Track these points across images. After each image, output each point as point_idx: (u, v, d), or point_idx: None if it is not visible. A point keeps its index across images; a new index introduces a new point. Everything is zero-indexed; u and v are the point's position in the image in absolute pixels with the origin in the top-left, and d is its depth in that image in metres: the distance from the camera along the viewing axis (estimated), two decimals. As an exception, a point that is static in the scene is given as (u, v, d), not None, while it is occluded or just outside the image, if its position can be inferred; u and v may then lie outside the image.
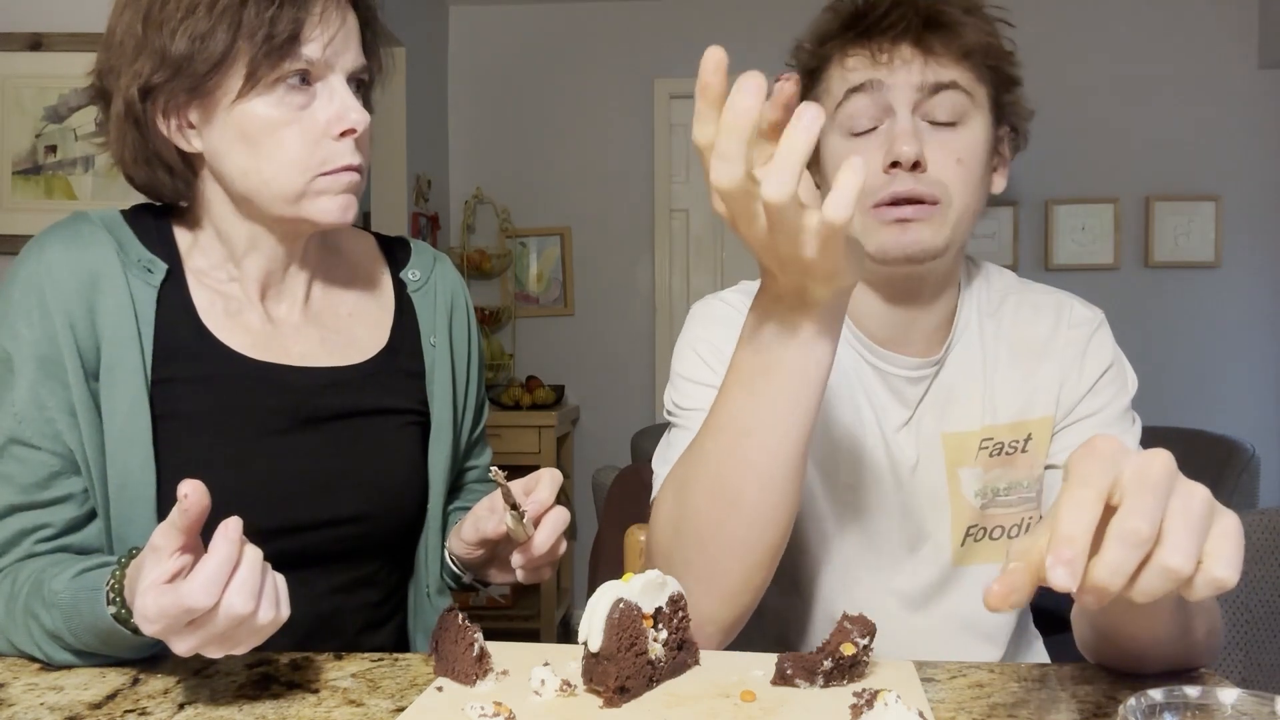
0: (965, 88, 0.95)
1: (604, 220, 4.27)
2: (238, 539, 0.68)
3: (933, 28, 0.94)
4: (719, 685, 0.75)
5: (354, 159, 0.92)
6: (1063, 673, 0.82)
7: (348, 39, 0.92)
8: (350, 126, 0.91)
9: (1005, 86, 0.99)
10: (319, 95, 0.91)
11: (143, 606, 0.67)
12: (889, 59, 0.94)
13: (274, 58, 0.87)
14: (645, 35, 4.22)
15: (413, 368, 1.06)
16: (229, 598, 0.67)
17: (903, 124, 0.93)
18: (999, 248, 4.05)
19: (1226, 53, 3.99)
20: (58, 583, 0.81)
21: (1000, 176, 1.02)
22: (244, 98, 0.88)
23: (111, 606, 0.75)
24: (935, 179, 0.94)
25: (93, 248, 0.91)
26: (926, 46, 0.94)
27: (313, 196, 0.92)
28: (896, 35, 0.94)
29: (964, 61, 0.95)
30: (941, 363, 1.03)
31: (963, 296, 1.05)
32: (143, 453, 0.90)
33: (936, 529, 1.03)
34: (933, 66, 0.94)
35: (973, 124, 0.96)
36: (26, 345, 0.88)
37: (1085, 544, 0.54)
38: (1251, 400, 4.03)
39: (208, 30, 0.86)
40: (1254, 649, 1.92)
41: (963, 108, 0.95)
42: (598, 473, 2.81)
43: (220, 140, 0.91)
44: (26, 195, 2.58)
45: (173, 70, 0.88)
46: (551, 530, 0.89)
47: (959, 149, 0.95)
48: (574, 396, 4.27)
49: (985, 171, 0.98)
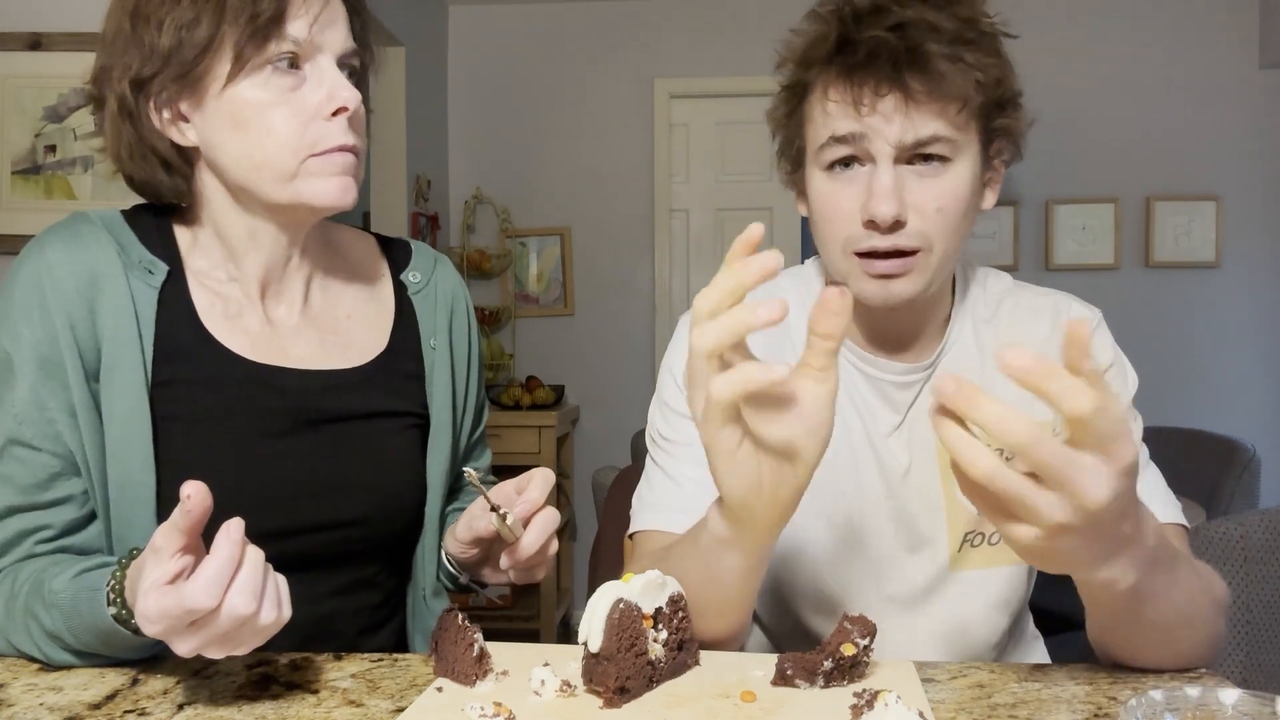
0: (949, 137, 0.90)
1: (604, 220, 4.27)
2: (240, 540, 0.68)
3: (916, 73, 0.88)
4: (719, 685, 0.75)
5: (347, 139, 0.91)
6: (1063, 673, 0.82)
7: (334, 19, 0.92)
8: (341, 105, 0.90)
9: (999, 112, 0.94)
10: (309, 77, 0.90)
11: (144, 607, 0.67)
12: (870, 109, 0.89)
13: (259, 39, 0.87)
14: (645, 35, 4.22)
15: (412, 370, 1.06)
16: (231, 598, 0.67)
17: (882, 180, 0.90)
18: (999, 248, 4.05)
19: (1226, 53, 3.99)
20: (58, 583, 0.81)
21: (991, 192, 0.99)
22: (233, 82, 0.88)
23: (112, 608, 0.75)
24: (916, 230, 0.91)
25: (93, 248, 0.91)
26: (909, 95, 0.88)
27: (306, 178, 0.91)
28: (879, 81, 0.89)
29: (949, 109, 0.89)
30: (934, 367, 1.02)
31: (957, 302, 1.04)
32: (143, 454, 0.89)
33: (934, 533, 1.02)
34: (915, 120, 0.89)
35: (958, 167, 0.92)
36: (27, 346, 0.88)
37: None
38: (1251, 400, 4.03)
39: (192, 18, 0.87)
40: (1254, 649, 1.92)
41: (948, 153, 0.91)
42: (598, 473, 2.81)
43: (213, 128, 0.91)
44: (26, 195, 2.58)
45: (161, 61, 0.88)
46: (540, 531, 0.88)
47: (939, 197, 0.91)
48: (574, 396, 4.27)
49: (970, 207, 0.94)
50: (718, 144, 4.27)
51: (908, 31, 0.88)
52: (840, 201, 0.93)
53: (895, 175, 0.90)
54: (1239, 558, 1.89)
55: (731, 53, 4.10)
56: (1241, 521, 1.92)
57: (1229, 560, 1.90)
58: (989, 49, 0.91)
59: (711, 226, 4.29)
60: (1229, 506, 2.82)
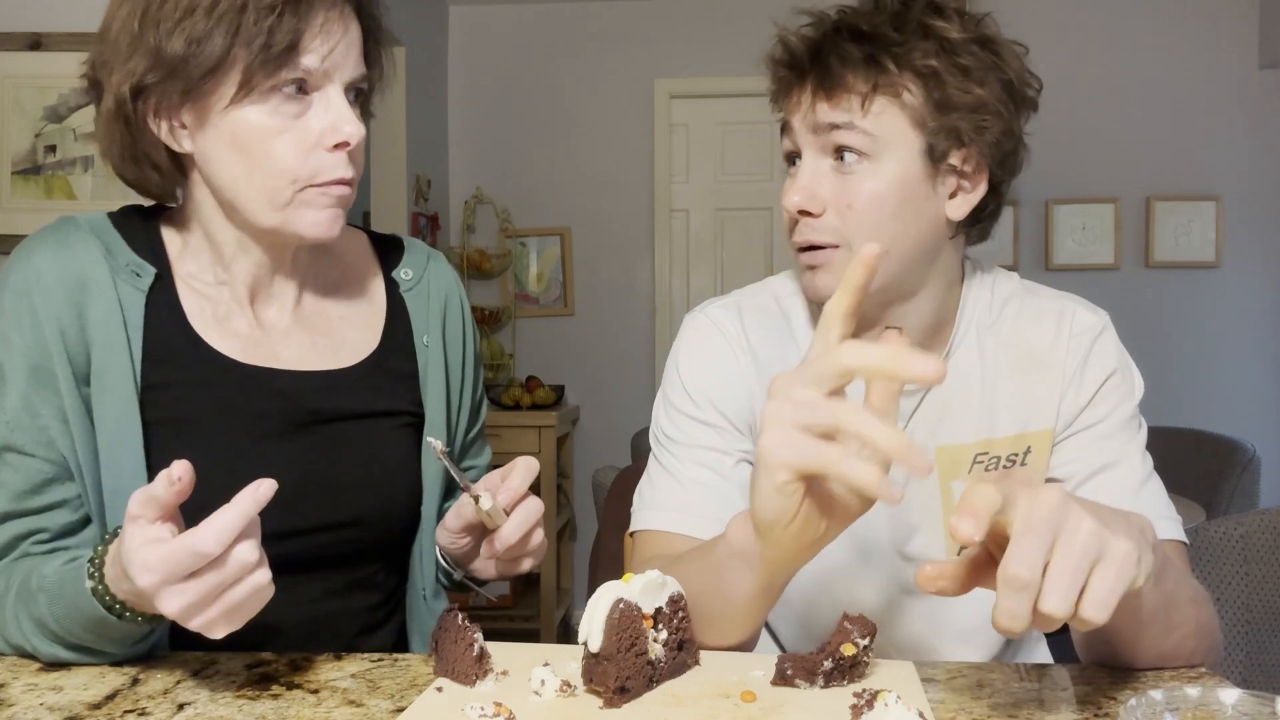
0: (861, 127, 0.91)
1: (604, 220, 4.27)
2: (262, 502, 0.69)
3: (820, 68, 0.92)
4: (719, 685, 0.75)
5: (345, 172, 0.90)
6: (1063, 673, 0.82)
7: (348, 50, 0.90)
8: (344, 139, 0.89)
9: (940, 111, 0.91)
10: (315, 105, 0.89)
11: (143, 559, 0.68)
12: (795, 100, 0.95)
13: (270, 67, 0.85)
14: (645, 35, 4.22)
15: (405, 369, 1.05)
16: (239, 547, 0.68)
17: (801, 171, 0.95)
18: (999, 248, 4.04)
19: (1226, 53, 3.99)
20: (47, 568, 0.82)
21: (963, 200, 0.96)
22: (237, 104, 0.87)
23: (91, 580, 0.76)
24: (830, 225, 0.93)
25: (80, 253, 0.91)
26: (817, 85, 0.93)
27: (300, 207, 0.90)
28: (797, 76, 0.94)
29: (852, 99, 0.91)
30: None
31: (961, 308, 1.03)
32: (134, 458, 0.89)
33: (930, 541, 1.02)
34: (820, 107, 0.92)
35: (880, 163, 0.92)
36: (17, 353, 0.88)
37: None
38: (1251, 400, 4.03)
39: (205, 34, 0.85)
40: (1254, 649, 1.92)
41: (862, 147, 0.91)
42: (598, 473, 2.81)
43: (211, 145, 0.89)
44: (26, 195, 2.58)
45: (166, 71, 0.86)
46: (522, 520, 0.88)
47: (851, 193, 0.92)
48: (574, 396, 4.27)
49: (900, 209, 0.92)
50: (718, 144, 4.27)
51: (829, 35, 0.93)
52: (785, 195, 0.97)
53: (817, 168, 0.94)
54: (1239, 558, 1.89)
55: (731, 53, 4.09)
56: (1241, 521, 1.92)
57: (1229, 560, 1.90)
58: (930, 51, 0.90)
59: (711, 226, 4.29)
60: (1229, 506, 2.82)
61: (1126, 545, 0.60)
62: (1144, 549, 0.63)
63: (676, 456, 1.02)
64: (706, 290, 4.19)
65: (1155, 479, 0.99)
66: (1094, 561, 0.59)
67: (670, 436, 1.04)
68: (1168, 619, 0.77)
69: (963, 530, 0.59)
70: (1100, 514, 0.62)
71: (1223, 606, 1.90)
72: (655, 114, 4.22)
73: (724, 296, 1.09)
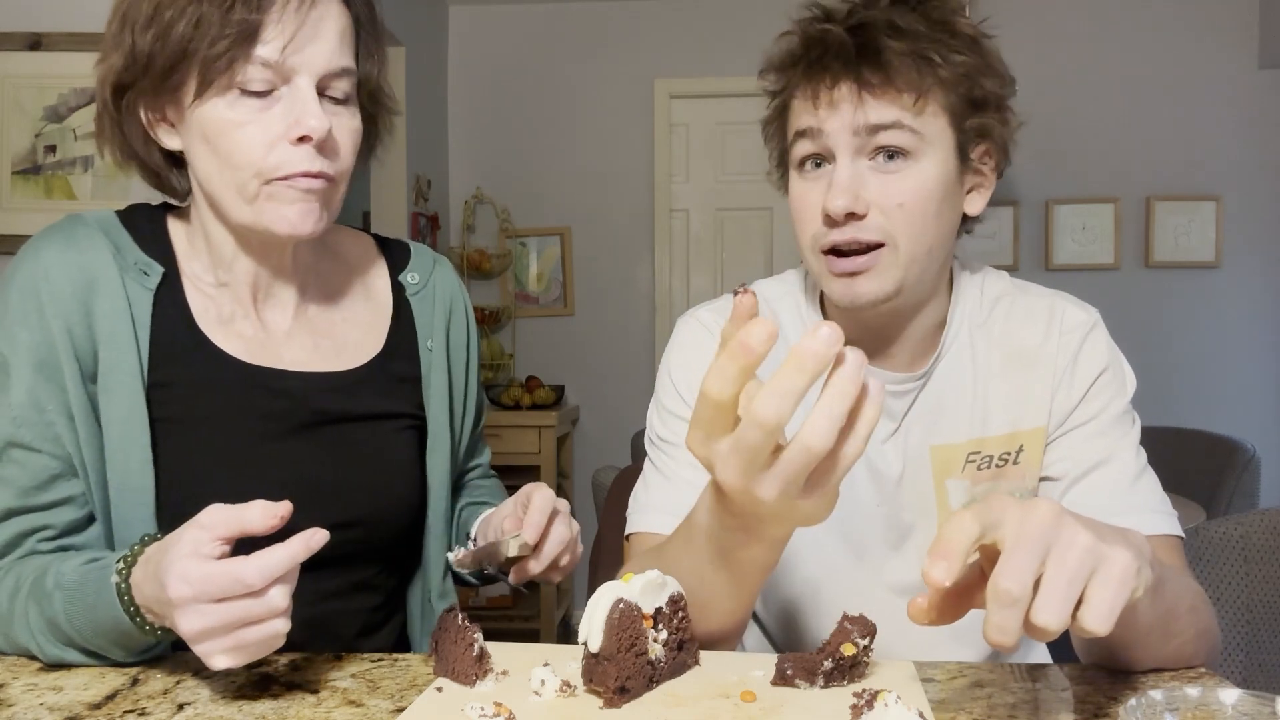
0: (909, 126, 0.90)
1: (604, 220, 4.27)
2: (311, 550, 0.70)
3: (869, 65, 0.89)
4: (719, 685, 0.75)
5: (312, 165, 0.88)
6: (1062, 673, 0.82)
7: (314, 36, 0.88)
8: (305, 133, 0.87)
9: (974, 109, 0.93)
10: (282, 98, 0.88)
11: (183, 569, 0.68)
12: (828, 101, 0.91)
13: (224, 61, 0.85)
14: (645, 35, 4.22)
15: (408, 373, 1.05)
16: (275, 589, 0.69)
17: (839, 174, 0.91)
18: (999, 248, 4.05)
19: (1226, 53, 3.99)
20: (66, 566, 0.81)
21: (979, 196, 0.98)
22: (202, 99, 0.87)
23: (117, 576, 0.76)
24: (876, 224, 0.91)
25: (88, 250, 0.91)
26: (865, 84, 0.90)
27: (267, 201, 0.89)
28: (834, 75, 0.91)
29: (904, 98, 0.90)
30: (928, 376, 1.01)
31: (952, 308, 1.03)
32: (141, 455, 0.89)
33: (924, 541, 1.02)
34: (870, 106, 0.90)
35: (922, 162, 0.91)
36: (24, 349, 0.88)
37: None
38: (1251, 400, 4.03)
39: (166, 28, 0.85)
40: (1254, 649, 1.92)
41: (908, 146, 0.90)
42: (598, 473, 2.81)
43: (189, 140, 0.90)
44: (26, 195, 2.58)
45: (141, 69, 0.87)
46: (552, 548, 0.93)
47: (901, 193, 0.91)
48: (574, 396, 4.27)
49: (941, 206, 0.93)
50: (718, 144, 4.26)
51: (865, 29, 0.91)
52: (807, 198, 0.95)
53: (854, 170, 0.91)
54: (1239, 558, 1.89)
55: (731, 53, 4.09)
56: (1241, 521, 1.92)
57: (1229, 560, 1.90)
58: (961, 48, 0.91)
59: (711, 226, 4.29)
60: (1229, 506, 2.82)
61: (1126, 555, 0.60)
62: (1142, 561, 0.62)
63: (670, 458, 1.02)
64: (706, 290, 4.18)
65: (1150, 474, 0.99)
66: (1090, 574, 0.59)
67: (663, 438, 1.04)
68: (1166, 629, 0.77)
69: (934, 574, 0.58)
70: (1096, 528, 0.61)
71: (1223, 606, 1.90)
72: (655, 114, 4.22)
73: (715, 300, 1.10)
